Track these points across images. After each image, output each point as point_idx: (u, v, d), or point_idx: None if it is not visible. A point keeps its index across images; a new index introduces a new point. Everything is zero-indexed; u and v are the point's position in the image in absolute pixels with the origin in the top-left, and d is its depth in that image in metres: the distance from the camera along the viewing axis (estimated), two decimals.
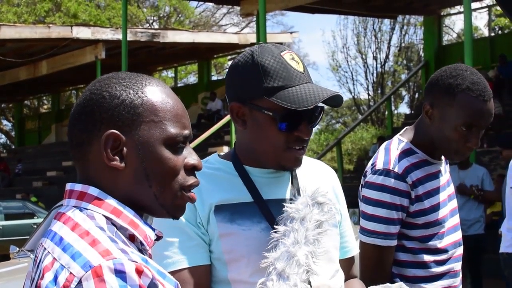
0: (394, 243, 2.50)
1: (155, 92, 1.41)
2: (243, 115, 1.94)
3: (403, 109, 36.52)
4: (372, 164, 2.55)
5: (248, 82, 1.91)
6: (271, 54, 1.91)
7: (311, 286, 1.86)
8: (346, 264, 2.16)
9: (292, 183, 2.01)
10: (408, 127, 2.68)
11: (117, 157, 1.36)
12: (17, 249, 7.11)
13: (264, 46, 1.95)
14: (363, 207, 2.53)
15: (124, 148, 1.36)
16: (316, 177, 2.09)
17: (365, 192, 2.52)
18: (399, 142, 2.60)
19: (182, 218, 1.87)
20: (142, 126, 1.38)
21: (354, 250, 2.20)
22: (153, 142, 1.38)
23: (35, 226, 13.54)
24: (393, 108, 25.71)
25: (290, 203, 1.91)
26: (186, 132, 1.43)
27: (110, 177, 1.37)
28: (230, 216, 1.91)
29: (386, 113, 22.88)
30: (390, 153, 2.55)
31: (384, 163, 2.51)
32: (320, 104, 1.91)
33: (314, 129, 2.01)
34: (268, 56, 1.90)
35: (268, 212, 1.92)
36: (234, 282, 1.89)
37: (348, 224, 2.18)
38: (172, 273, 1.84)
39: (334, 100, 1.92)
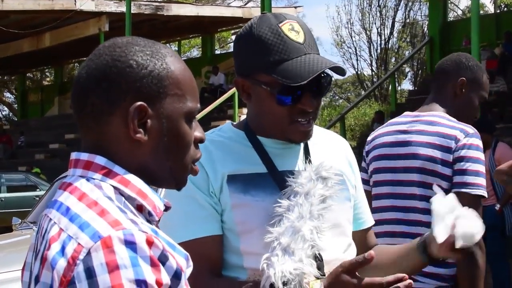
0: None
1: (176, 64, 1.38)
2: (248, 89, 1.93)
3: (406, 85, 36.42)
4: (463, 130, 2.87)
5: (248, 56, 1.90)
6: (269, 26, 1.87)
7: (322, 260, 1.84)
8: (362, 235, 2.14)
9: (304, 154, 1.98)
10: (426, 104, 3.11)
11: (141, 130, 1.33)
12: (20, 220, 7.11)
13: (263, 18, 1.91)
14: (475, 166, 2.81)
15: (149, 121, 1.33)
16: (330, 148, 2.06)
17: (473, 153, 2.82)
18: (442, 115, 2.99)
19: (194, 187, 1.86)
20: (167, 99, 1.35)
21: (369, 221, 2.18)
22: (176, 116, 1.36)
23: (37, 199, 13.57)
24: (396, 84, 25.61)
25: (294, 177, 1.89)
26: (199, 105, 1.42)
27: (129, 148, 1.34)
28: (243, 186, 1.88)
29: (390, 89, 22.80)
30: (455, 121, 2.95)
31: (469, 128, 2.89)
32: (329, 72, 1.88)
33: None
34: (265, 29, 1.87)
35: (283, 183, 1.89)
36: (246, 253, 1.86)
37: (362, 196, 2.15)
38: (184, 243, 1.81)
39: (336, 70, 1.87)
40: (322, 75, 1.87)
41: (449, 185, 2.81)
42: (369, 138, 3.18)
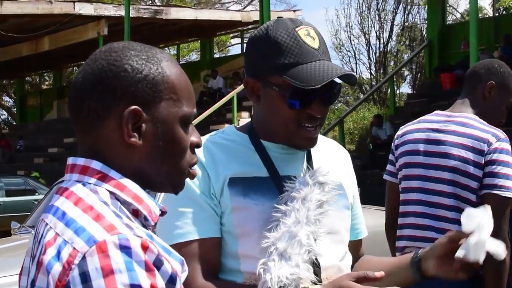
0: None
1: (172, 68, 1.38)
2: (258, 91, 1.92)
3: (405, 89, 36.42)
4: (495, 135, 3.02)
5: (261, 57, 1.89)
6: (286, 29, 1.87)
7: (319, 267, 1.84)
8: (356, 245, 2.14)
9: (307, 161, 1.97)
10: (458, 104, 3.23)
11: (135, 134, 1.33)
12: (18, 225, 7.10)
13: (280, 21, 1.91)
14: (505, 170, 2.97)
15: (144, 125, 1.33)
16: (331, 157, 2.06)
17: (504, 157, 2.97)
18: (474, 117, 3.14)
19: (195, 188, 1.87)
20: (162, 104, 1.35)
21: (364, 232, 2.18)
22: (171, 120, 1.36)
23: (36, 203, 13.55)
24: (395, 88, 25.63)
25: (291, 183, 1.89)
26: (195, 110, 1.42)
27: (124, 153, 1.34)
28: (244, 190, 1.88)
29: (389, 92, 22.82)
30: (486, 125, 3.09)
31: (500, 132, 3.04)
32: (338, 81, 1.88)
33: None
34: (282, 32, 1.87)
35: (283, 188, 1.88)
36: (244, 257, 1.86)
37: (359, 206, 2.16)
38: (182, 244, 1.83)
39: (348, 78, 1.88)
40: (333, 82, 1.87)
41: (479, 186, 2.99)
42: (399, 133, 3.33)
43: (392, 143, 3.37)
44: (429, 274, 1.93)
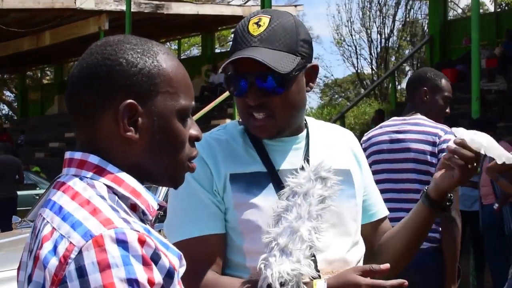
0: None
1: (168, 61, 1.37)
2: None
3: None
4: (443, 129, 3.73)
5: None
6: (245, 20, 1.91)
7: (316, 262, 1.83)
8: (374, 226, 2.10)
9: (305, 150, 1.96)
10: (407, 111, 3.95)
11: (132, 128, 1.32)
12: (19, 219, 7.11)
13: (255, 12, 1.93)
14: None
15: (140, 119, 1.33)
16: (334, 143, 2.03)
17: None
18: (423, 117, 3.85)
19: (198, 185, 1.86)
20: (158, 97, 1.34)
21: (381, 212, 2.14)
22: (168, 114, 1.35)
23: (37, 197, 13.54)
24: (396, 83, 25.60)
25: (293, 177, 1.87)
26: (193, 103, 1.41)
27: (121, 147, 1.33)
28: (246, 186, 1.87)
29: (390, 88, 22.81)
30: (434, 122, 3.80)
31: (446, 127, 3.72)
32: (282, 69, 1.81)
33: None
34: (241, 22, 1.90)
35: (280, 183, 1.87)
36: (249, 252, 1.85)
37: (371, 187, 2.12)
38: (186, 241, 1.83)
39: (275, 66, 1.80)
40: (264, 72, 1.82)
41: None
42: (364, 138, 4.02)
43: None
44: (435, 195, 1.99)
